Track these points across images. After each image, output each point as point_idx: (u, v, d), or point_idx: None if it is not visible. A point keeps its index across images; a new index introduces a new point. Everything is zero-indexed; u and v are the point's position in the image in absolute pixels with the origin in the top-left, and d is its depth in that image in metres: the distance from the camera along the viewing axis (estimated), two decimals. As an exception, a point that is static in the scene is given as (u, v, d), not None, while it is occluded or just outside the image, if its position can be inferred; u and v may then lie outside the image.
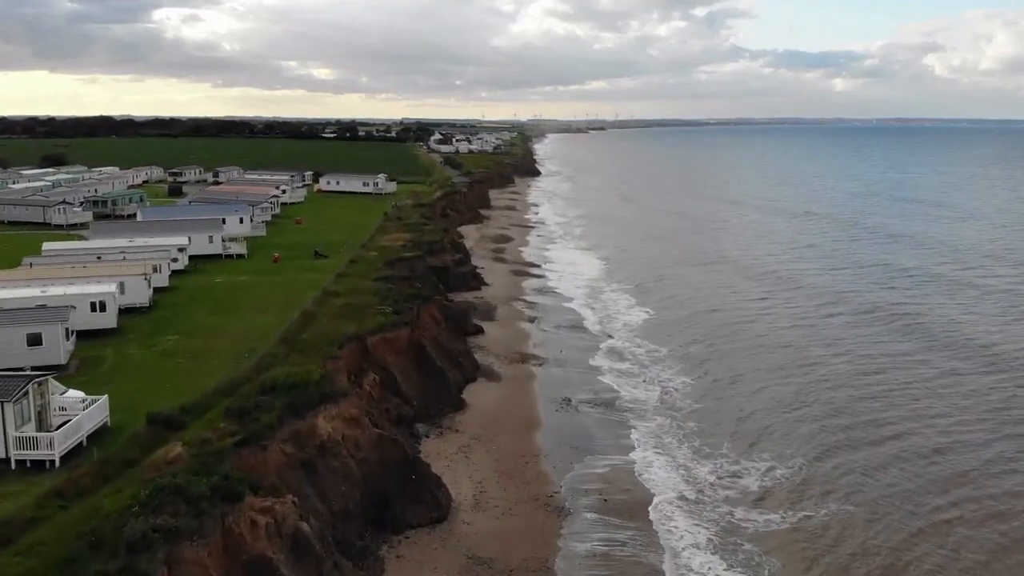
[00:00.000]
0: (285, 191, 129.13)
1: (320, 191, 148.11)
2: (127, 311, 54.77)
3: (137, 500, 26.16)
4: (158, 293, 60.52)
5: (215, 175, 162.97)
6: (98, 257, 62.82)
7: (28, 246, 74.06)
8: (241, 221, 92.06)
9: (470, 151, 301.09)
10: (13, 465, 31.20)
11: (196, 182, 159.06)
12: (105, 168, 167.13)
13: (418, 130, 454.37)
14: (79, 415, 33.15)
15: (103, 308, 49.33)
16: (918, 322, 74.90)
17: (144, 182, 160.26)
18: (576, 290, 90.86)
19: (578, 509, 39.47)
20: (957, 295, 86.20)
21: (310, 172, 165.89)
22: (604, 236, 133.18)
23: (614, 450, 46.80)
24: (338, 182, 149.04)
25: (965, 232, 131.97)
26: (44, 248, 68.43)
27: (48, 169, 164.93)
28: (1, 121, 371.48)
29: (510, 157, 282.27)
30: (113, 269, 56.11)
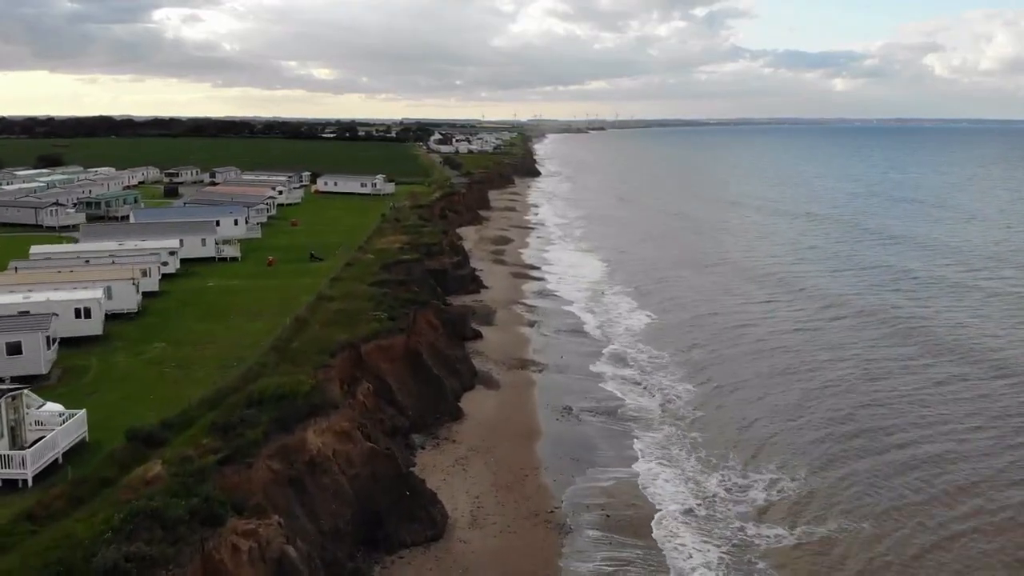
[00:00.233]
0: (282, 192, 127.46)
1: (318, 192, 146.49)
2: (114, 317, 53.23)
3: (110, 525, 24.55)
4: (148, 298, 58.95)
5: (212, 176, 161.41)
6: (86, 261, 61.14)
7: (17, 249, 72.31)
8: (236, 223, 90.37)
9: (470, 151, 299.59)
10: (-16, 485, 29.61)
11: (193, 183, 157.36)
12: (101, 169, 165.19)
13: (418, 130, 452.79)
14: (55, 431, 31.53)
15: (88, 315, 47.71)
16: (923, 325, 73.63)
17: (140, 183, 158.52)
18: (577, 293, 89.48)
19: (580, 526, 37.84)
20: (962, 298, 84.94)
21: (308, 173, 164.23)
22: (604, 237, 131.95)
23: (617, 462, 45.24)
24: (336, 183, 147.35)
25: (968, 233, 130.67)
26: (31, 251, 66.74)
27: (43, 170, 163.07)
28: (0, 121, 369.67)
29: (510, 157, 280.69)
30: (100, 274, 54.46)
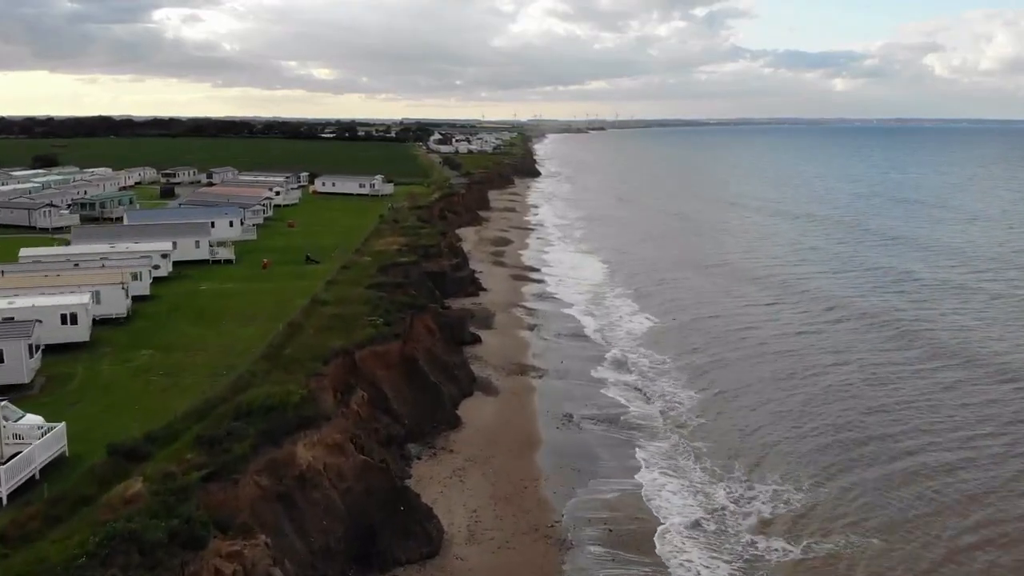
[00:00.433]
0: (279, 193, 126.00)
1: (315, 193, 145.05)
2: (103, 322, 51.92)
3: (85, 549, 23.20)
4: (138, 302, 57.55)
5: (209, 176, 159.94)
6: (75, 264, 59.71)
7: (8, 251, 70.88)
8: (231, 224, 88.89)
9: (469, 151, 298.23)
10: (-43, 503, 28.23)
11: (190, 183, 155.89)
12: (97, 169, 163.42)
13: (418, 130, 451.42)
14: (32, 445, 30.16)
15: (74, 320, 46.31)
16: (927, 328, 72.56)
17: (137, 183, 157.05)
18: (577, 296, 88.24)
19: (582, 541, 36.48)
20: (966, 300, 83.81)
21: (306, 173, 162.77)
22: (604, 238, 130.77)
23: (619, 472, 43.88)
24: (334, 183, 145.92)
25: (971, 234, 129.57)
26: (21, 254, 65.33)
27: (39, 170, 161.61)
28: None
29: (510, 157, 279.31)
30: (88, 278, 53.02)
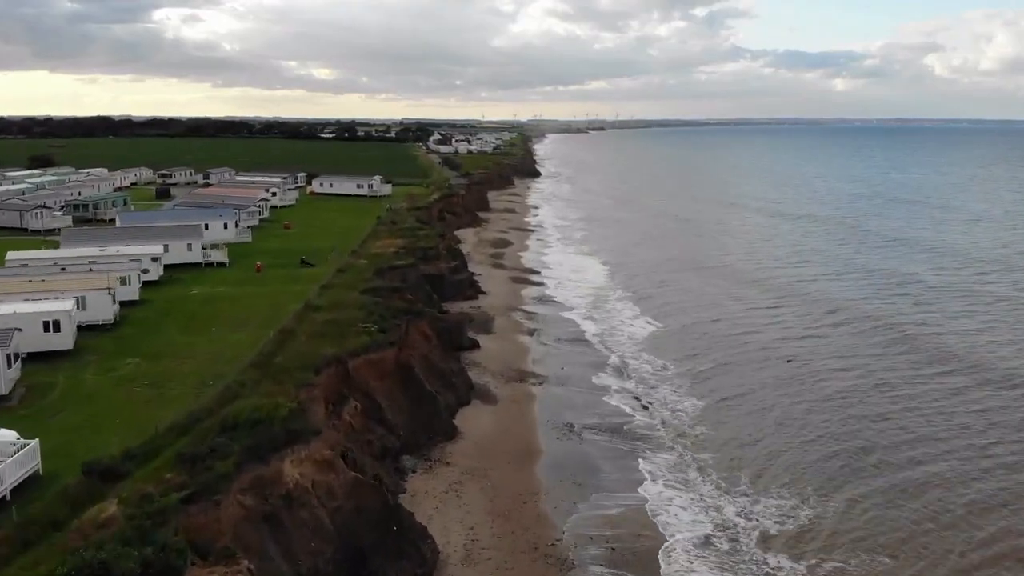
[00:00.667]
0: (275, 194, 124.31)
1: (313, 193, 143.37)
2: (89, 328, 50.31)
3: (51, 582, 21.62)
4: (127, 307, 55.94)
5: (206, 177, 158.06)
6: (62, 268, 58.03)
7: (-3, 254, 69.30)
8: (225, 226, 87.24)
9: (469, 151, 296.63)
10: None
11: (186, 184, 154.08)
12: (93, 170, 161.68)
13: (417, 130, 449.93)
14: (3, 464, 28.52)
15: (57, 328, 44.65)
16: (932, 332, 71.22)
17: (133, 184, 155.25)
18: (577, 299, 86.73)
19: (584, 561, 34.86)
20: (972, 303, 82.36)
21: (303, 174, 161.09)
22: (605, 239, 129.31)
23: (623, 486, 42.26)
24: (331, 184, 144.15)
25: (974, 235, 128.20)
26: (8, 257, 63.54)
27: (34, 171, 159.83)
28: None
29: (509, 158, 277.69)
30: (74, 283, 51.36)
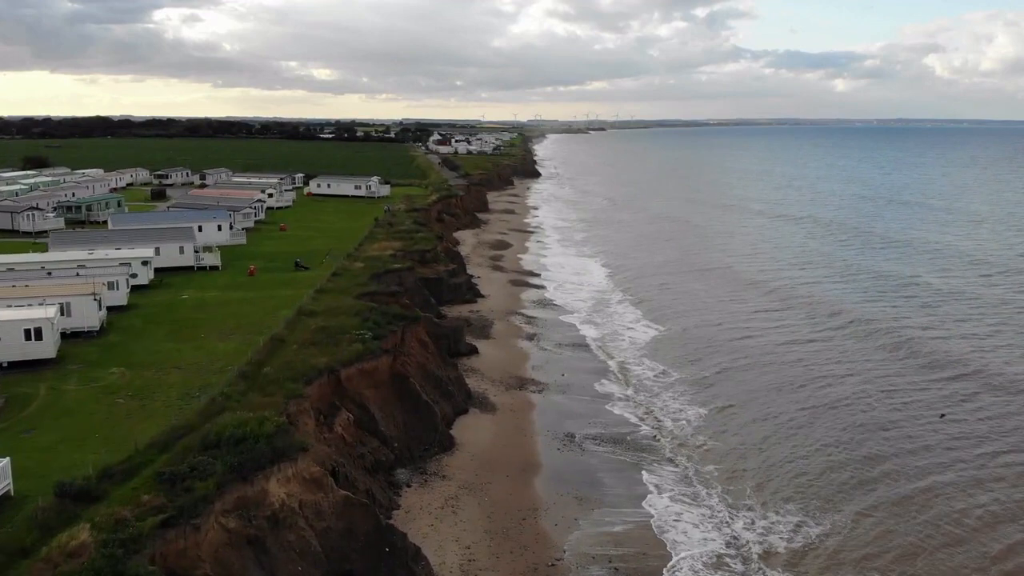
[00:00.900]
0: (272, 195, 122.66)
1: (310, 195, 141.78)
2: (74, 335, 48.71)
3: (10, 619, 20.02)
4: (115, 313, 54.34)
5: (202, 177, 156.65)
6: (48, 273, 56.41)
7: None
8: (219, 228, 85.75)
9: (469, 152, 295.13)
10: None
11: (183, 185, 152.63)
12: (88, 170, 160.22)
13: (417, 131, 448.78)
14: (-31, 485, 26.96)
15: (39, 336, 42.99)
16: (939, 336, 69.88)
17: (128, 185, 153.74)
18: (578, 302, 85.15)
19: (586, 583, 33.30)
20: (979, 308, 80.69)
21: (301, 174, 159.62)
22: (605, 241, 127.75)
23: (626, 501, 40.59)
24: (329, 185, 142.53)
25: (979, 237, 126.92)
26: (-6, 262, 62.10)
27: (29, 171, 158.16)
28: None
29: (509, 158, 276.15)
30: (57, 288, 49.70)
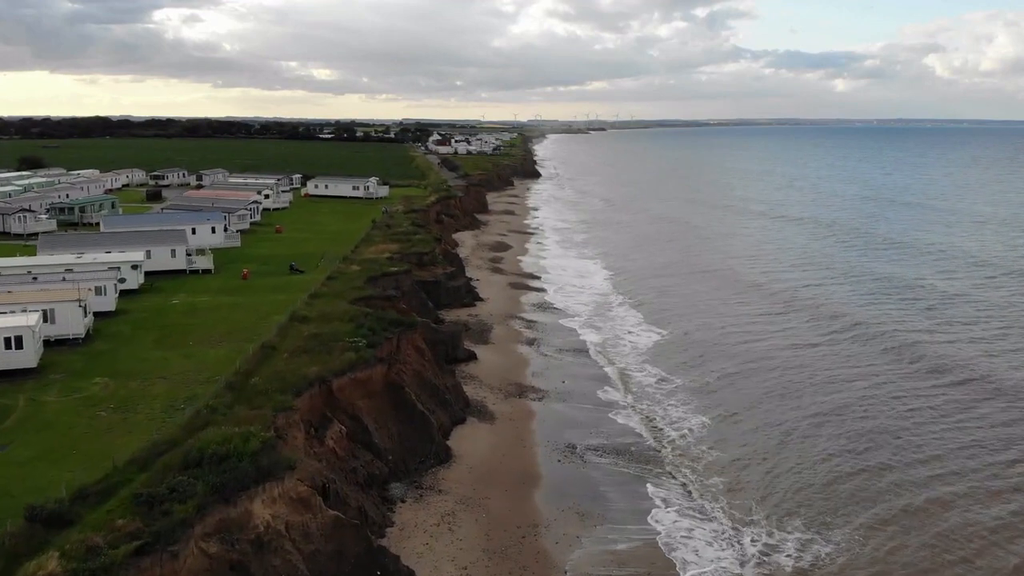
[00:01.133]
0: (268, 196, 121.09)
1: (307, 195, 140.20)
2: (58, 343, 47.14)
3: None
4: (102, 319, 52.79)
5: (199, 178, 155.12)
6: (34, 278, 54.84)
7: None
8: (213, 231, 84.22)
9: (468, 152, 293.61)
10: None
11: (179, 185, 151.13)
12: (84, 171, 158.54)
13: (417, 131, 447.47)
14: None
15: (19, 344, 41.44)
16: (945, 340, 68.56)
17: (124, 186, 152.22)
18: (579, 306, 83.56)
19: (588, 606, 31.76)
20: (986, 310, 79.38)
21: (298, 175, 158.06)
22: (606, 243, 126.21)
23: (630, 516, 39.00)
24: (326, 186, 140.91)
25: (983, 239, 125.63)
26: (-21, 266, 60.56)
27: (24, 172, 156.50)
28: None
29: (509, 159, 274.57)
30: (40, 294, 48.12)
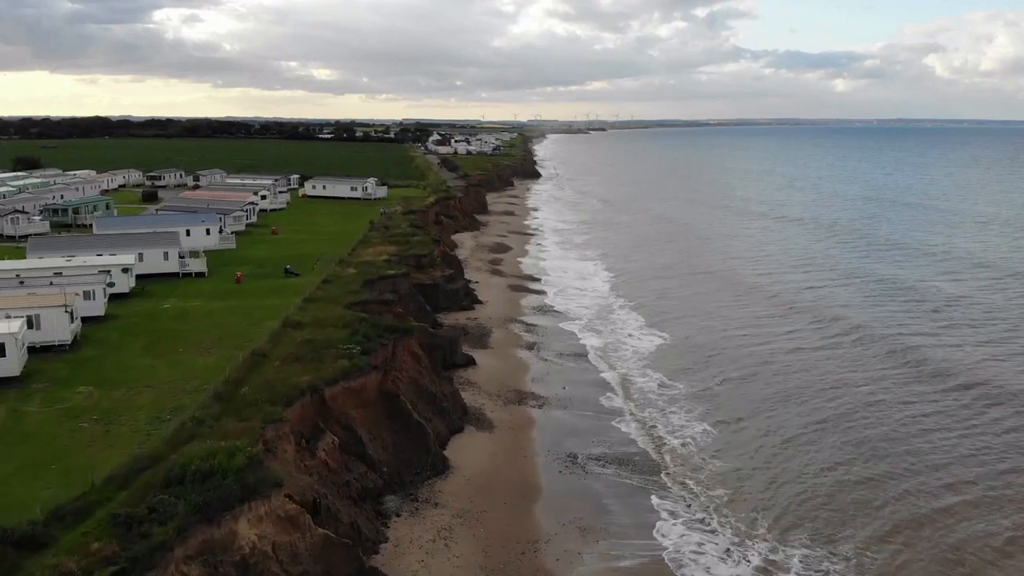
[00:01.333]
0: (265, 197, 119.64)
1: (305, 196, 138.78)
2: (44, 349, 45.77)
3: None
4: (90, 324, 51.39)
5: (196, 179, 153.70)
6: (21, 281, 53.43)
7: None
8: (208, 232, 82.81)
9: (468, 152, 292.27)
10: None
11: (176, 186, 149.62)
12: (80, 172, 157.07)
13: (417, 131, 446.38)
14: None
15: (2, 352, 40.06)
16: (951, 344, 67.13)
17: (121, 186, 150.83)
18: (580, 308, 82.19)
19: (590, 629, 30.37)
20: (991, 313, 77.88)
21: (296, 176, 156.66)
22: (607, 244, 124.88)
23: (635, 531, 37.57)
24: (324, 187, 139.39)
25: (987, 240, 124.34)
26: (-35, 270, 59.13)
27: (18, 173, 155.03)
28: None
29: (509, 159, 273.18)
30: (25, 300, 46.70)
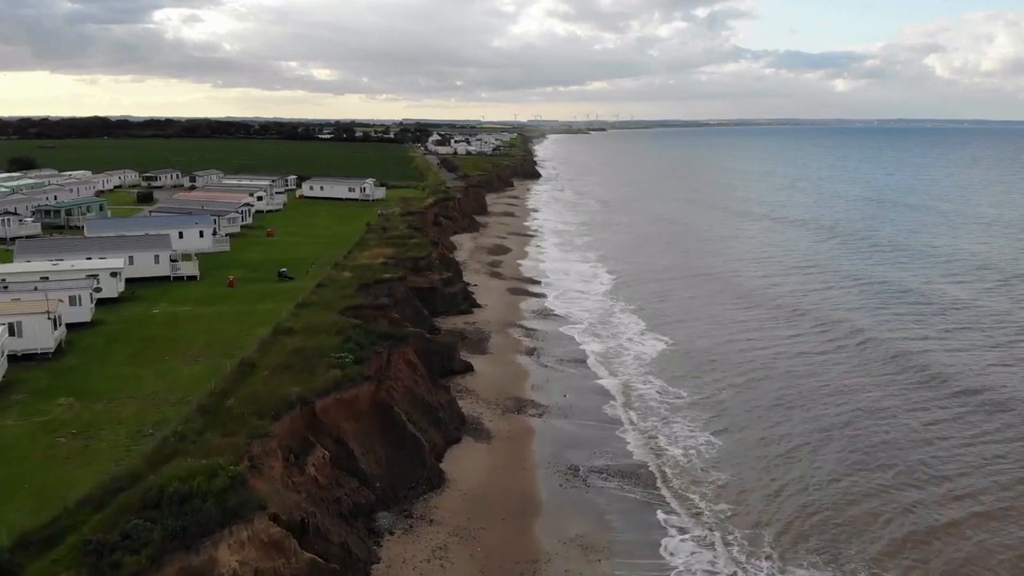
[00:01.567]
0: (262, 198, 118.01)
1: (302, 197, 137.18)
2: (26, 358, 44.17)
3: None
4: (76, 330, 49.80)
5: (192, 179, 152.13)
6: (5, 286, 51.84)
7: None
8: (201, 235, 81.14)
9: (468, 152, 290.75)
10: None
11: (172, 187, 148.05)
12: (75, 172, 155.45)
13: (417, 131, 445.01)
14: None
15: (-21, 362, 38.58)
16: (960, 348, 65.87)
17: (116, 187, 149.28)
18: (580, 312, 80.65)
19: (593, 658, 28.79)
20: (999, 319, 76.20)
21: (293, 176, 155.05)
22: (607, 245, 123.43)
23: (639, 549, 36.00)
24: (322, 187, 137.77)
25: (991, 242, 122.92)
26: (-51, 274, 57.49)
27: (13, 173, 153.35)
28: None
29: (509, 159, 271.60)
30: (6, 306, 45.06)
